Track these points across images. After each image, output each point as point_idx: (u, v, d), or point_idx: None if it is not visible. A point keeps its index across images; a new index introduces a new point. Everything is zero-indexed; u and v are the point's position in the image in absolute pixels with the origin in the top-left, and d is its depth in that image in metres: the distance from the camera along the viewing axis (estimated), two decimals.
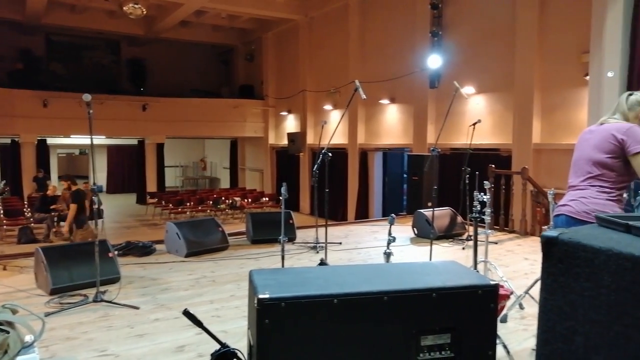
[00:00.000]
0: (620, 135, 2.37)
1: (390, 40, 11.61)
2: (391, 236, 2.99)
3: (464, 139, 7.34)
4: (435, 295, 1.62)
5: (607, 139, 2.42)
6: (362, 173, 12.57)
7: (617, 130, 2.39)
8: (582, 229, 1.48)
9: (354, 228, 7.71)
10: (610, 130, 2.43)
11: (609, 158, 2.41)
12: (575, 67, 7.58)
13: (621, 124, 2.43)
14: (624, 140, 2.36)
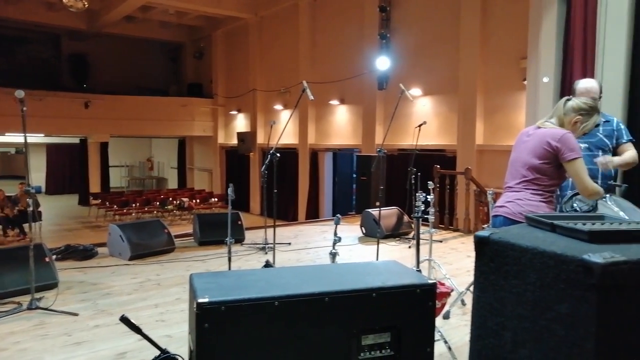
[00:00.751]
0: (555, 142, 2.46)
1: (340, 42, 11.72)
2: (337, 236, 3.01)
3: (411, 140, 7.53)
4: (375, 295, 1.65)
5: (542, 145, 2.51)
6: (313, 173, 12.62)
7: (551, 138, 2.48)
8: (512, 228, 1.55)
9: (304, 228, 7.73)
10: (546, 136, 2.51)
11: (543, 164, 2.50)
12: (515, 72, 7.93)
13: (556, 130, 2.53)
14: (559, 147, 2.45)
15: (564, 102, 2.64)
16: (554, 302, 1.24)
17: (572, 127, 2.58)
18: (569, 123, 2.58)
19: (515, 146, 2.74)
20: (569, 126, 2.57)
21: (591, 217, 1.61)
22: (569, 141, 2.47)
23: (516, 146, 2.74)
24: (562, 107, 2.62)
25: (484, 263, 1.44)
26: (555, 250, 1.24)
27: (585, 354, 1.16)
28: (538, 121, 2.71)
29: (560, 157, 2.46)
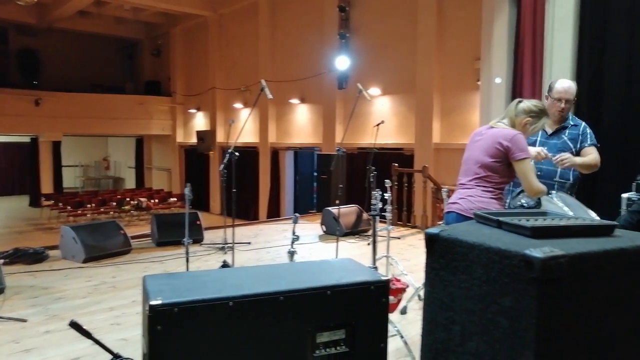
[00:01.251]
0: (506, 142, 2.57)
1: (300, 41, 11.72)
2: (295, 235, 3.02)
3: (370, 139, 7.61)
4: (330, 293, 1.67)
5: (494, 145, 2.61)
6: (274, 172, 12.58)
7: (503, 138, 2.59)
8: (461, 225, 1.60)
9: (264, 227, 7.70)
10: (497, 136, 2.62)
11: (494, 162, 2.61)
12: (470, 73, 8.15)
13: (507, 130, 2.64)
14: (509, 147, 2.56)
15: (516, 103, 2.75)
16: (499, 296, 1.29)
17: (522, 128, 2.70)
18: (519, 124, 2.70)
19: (469, 145, 2.83)
20: (519, 127, 2.69)
21: (535, 214, 1.69)
22: (520, 142, 2.58)
23: (469, 145, 2.83)
24: (514, 108, 2.73)
25: (434, 259, 1.48)
26: (499, 246, 1.29)
27: (526, 344, 1.21)
28: (491, 121, 2.81)
29: (510, 156, 2.57)
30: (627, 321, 1.34)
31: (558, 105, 3.26)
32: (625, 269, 1.32)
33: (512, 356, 1.25)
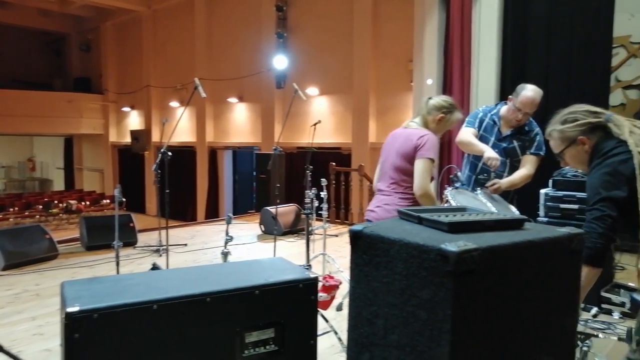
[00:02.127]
0: (416, 139, 2.57)
1: (238, 39, 11.58)
2: (228, 236, 2.99)
3: (309, 138, 7.66)
4: (258, 292, 1.67)
5: (408, 146, 2.59)
6: (212, 172, 12.36)
7: (415, 136, 2.59)
8: (385, 222, 1.65)
9: (202, 228, 7.56)
10: (411, 137, 2.61)
11: (408, 163, 2.58)
12: (404, 73, 8.38)
13: (420, 130, 2.63)
14: (418, 145, 2.56)
15: (426, 101, 2.75)
16: (418, 289, 1.33)
17: (436, 124, 2.69)
18: (432, 121, 2.69)
19: (384, 148, 2.78)
20: (433, 124, 2.69)
21: (455, 209, 1.76)
22: (430, 142, 2.57)
23: (385, 148, 2.78)
24: (425, 106, 2.73)
25: (358, 256, 1.51)
26: (418, 241, 1.34)
27: (443, 335, 1.27)
28: (404, 122, 2.80)
29: (417, 153, 2.55)
30: (535, 306, 1.43)
31: (516, 115, 3.19)
32: (532, 259, 1.41)
33: (430, 346, 1.30)
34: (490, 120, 3.35)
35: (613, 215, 1.67)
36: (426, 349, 1.32)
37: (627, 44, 6.75)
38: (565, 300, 1.55)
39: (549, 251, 1.46)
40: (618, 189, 1.69)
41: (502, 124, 3.31)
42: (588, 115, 1.86)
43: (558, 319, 1.53)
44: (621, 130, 1.76)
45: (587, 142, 1.86)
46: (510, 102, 3.25)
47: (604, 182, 1.72)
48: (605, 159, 1.78)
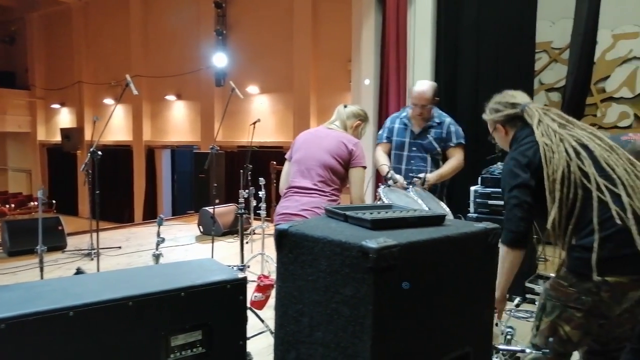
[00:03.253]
0: (351, 146, 2.57)
1: (175, 36, 11.29)
2: (160, 237, 2.91)
3: (249, 137, 7.58)
4: (184, 294, 1.63)
5: (339, 147, 2.57)
6: (149, 171, 11.98)
7: (348, 141, 2.59)
8: (310, 221, 1.66)
9: (138, 230, 7.31)
10: (341, 139, 2.60)
11: (340, 164, 2.56)
12: (343, 74, 8.49)
13: (350, 136, 2.66)
14: (354, 152, 2.56)
15: (343, 107, 2.80)
16: (341, 286, 1.35)
17: (353, 131, 2.74)
18: (350, 127, 2.73)
19: (304, 144, 2.68)
20: (350, 130, 2.72)
21: (381, 207, 1.81)
22: (362, 149, 2.63)
23: (305, 144, 2.67)
24: (344, 112, 2.78)
25: (284, 254, 1.51)
26: (341, 238, 1.36)
27: (365, 330, 1.30)
28: (325, 123, 2.81)
29: (353, 161, 2.56)
30: (454, 299, 1.49)
31: (416, 110, 3.44)
32: (451, 253, 1.47)
33: (353, 342, 1.33)
34: (401, 124, 3.56)
35: (528, 201, 1.76)
36: (349, 344, 1.35)
37: (549, 49, 7.18)
38: (483, 293, 1.62)
39: (466, 246, 1.52)
40: (526, 177, 1.78)
41: (413, 124, 3.52)
42: (507, 106, 1.97)
43: (476, 311, 1.60)
44: (532, 121, 1.87)
45: (506, 130, 1.99)
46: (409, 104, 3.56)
47: (512, 172, 1.83)
48: (516, 148, 1.90)
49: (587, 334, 1.82)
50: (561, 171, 1.71)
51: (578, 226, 1.76)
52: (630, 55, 6.66)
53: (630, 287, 1.71)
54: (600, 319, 1.79)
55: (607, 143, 1.77)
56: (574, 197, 1.72)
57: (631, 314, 1.80)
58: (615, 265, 1.70)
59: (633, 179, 1.71)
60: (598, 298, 1.73)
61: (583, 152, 1.73)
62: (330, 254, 1.38)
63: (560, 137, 1.75)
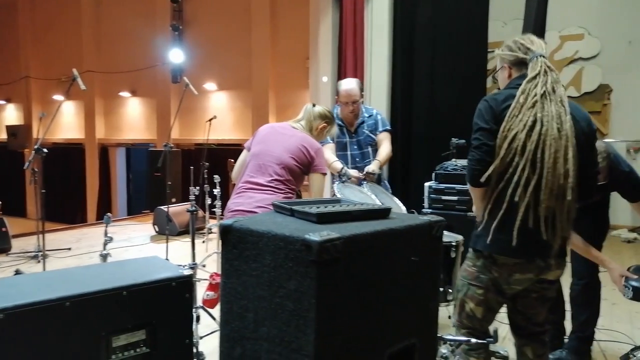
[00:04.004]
0: (312, 151, 2.50)
1: (130, 30, 10.97)
2: (107, 237, 2.82)
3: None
4: (126, 293, 1.58)
5: (301, 149, 2.49)
6: (103, 170, 11.62)
7: (310, 145, 2.51)
8: (256, 216, 1.64)
9: (89, 231, 7.07)
10: (304, 142, 2.51)
11: (297, 166, 2.48)
12: (302, 71, 8.48)
13: (312, 140, 2.57)
14: (314, 157, 2.50)
15: (311, 107, 2.71)
16: (285, 280, 1.34)
17: (319, 132, 2.68)
18: (316, 129, 2.66)
19: (263, 139, 2.58)
20: (315, 131, 2.66)
21: (329, 201, 1.81)
22: (323, 155, 2.57)
23: (263, 140, 2.57)
24: (311, 112, 2.68)
25: (229, 250, 1.49)
26: (285, 232, 1.35)
27: (309, 323, 1.29)
28: (289, 121, 2.69)
29: (314, 167, 2.51)
30: (399, 291, 1.51)
31: (347, 109, 3.49)
32: (395, 245, 1.48)
33: (297, 336, 1.32)
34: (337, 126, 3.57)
35: (489, 144, 1.79)
36: (294, 339, 1.34)
37: None
38: (428, 284, 1.65)
39: (411, 238, 1.54)
40: (489, 123, 1.81)
41: (347, 124, 3.59)
42: (520, 49, 1.90)
43: (421, 301, 1.62)
44: (530, 73, 1.81)
45: (510, 72, 1.95)
46: (337, 103, 3.58)
47: (481, 113, 1.85)
48: (499, 92, 1.90)
49: (490, 310, 1.93)
50: (513, 133, 1.74)
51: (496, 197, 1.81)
52: (577, 56, 6.96)
53: (515, 270, 1.82)
54: (498, 297, 1.90)
55: (566, 131, 1.75)
56: (509, 163, 1.76)
57: (540, 296, 1.90)
58: (505, 246, 1.79)
59: (552, 173, 1.72)
60: (491, 276, 1.86)
61: (537, 128, 1.73)
62: (274, 249, 1.37)
63: (534, 103, 1.75)
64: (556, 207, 1.74)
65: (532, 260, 1.81)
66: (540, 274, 1.84)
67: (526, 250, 1.79)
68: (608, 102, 6.78)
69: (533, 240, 1.76)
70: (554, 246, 1.78)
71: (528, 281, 1.85)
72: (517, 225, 1.75)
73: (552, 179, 1.72)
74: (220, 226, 1.50)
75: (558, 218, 1.75)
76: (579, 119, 1.82)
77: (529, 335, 1.99)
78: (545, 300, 1.93)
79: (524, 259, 1.81)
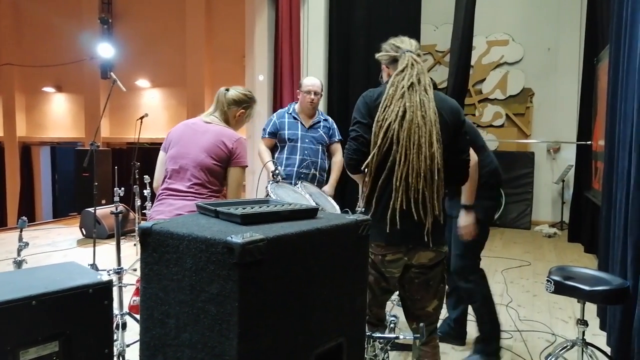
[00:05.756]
0: (231, 144, 2.33)
1: (54, 22, 10.34)
2: (22, 242, 2.63)
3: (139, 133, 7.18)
4: (35, 302, 1.48)
5: (218, 145, 2.32)
6: (25, 170, 10.90)
7: (228, 139, 2.34)
8: (179, 218, 1.58)
9: (7, 235, 6.59)
10: (221, 136, 2.35)
11: (217, 165, 2.33)
12: (239, 69, 8.34)
13: (231, 132, 2.40)
14: (234, 150, 2.33)
15: (223, 93, 2.46)
16: (207, 284, 1.30)
17: (236, 120, 2.48)
18: (233, 117, 2.46)
19: (179, 140, 2.39)
20: (233, 120, 2.47)
21: (257, 202, 1.77)
22: (244, 147, 2.39)
23: (180, 140, 2.38)
24: (224, 99, 2.45)
25: (148, 254, 1.43)
26: (206, 235, 1.31)
27: (232, 327, 1.26)
28: (202, 115, 2.49)
29: (234, 161, 2.34)
30: (326, 290, 1.50)
31: (309, 98, 3.57)
32: (321, 245, 1.48)
33: (220, 340, 1.28)
34: (291, 118, 3.69)
35: (364, 136, 1.92)
36: (217, 344, 1.29)
37: (434, 52, 7.66)
38: (355, 282, 1.65)
39: (337, 237, 1.54)
40: (365, 117, 1.94)
41: (302, 118, 3.69)
42: (392, 48, 2.03)
43: (349, 301, 1.62)
44: (399, 67, 1.94)
45: (389, 72, 2.06)
46: (298, 95, 3.69)
47: (358, 108, 1.99)
48: (374, 89, 2.02)
49: (375, 295, 2.01)
50: (387, 123, 1.86)
51: (376, 181, 1.92)
52: (502, 61, 7.31)
53: (386, 251, 1.93)
54: (381, 281, 1.98)
55: (429, 117, 1.86)
56: (387, 151, 1.87)
57: (423, 281, 1.96)
58: (378, 233, 1.90)
59: (417, 158, 1.84)
60: (370, 259, 1.93)
61: (407, 116, 1.85)
62: (195, 252, 1.32)
63: (402, 94, 1.87)
64: (425, 189, 1.85)
65: (401, 244, 1.92)
66: (408, 257, 1.92)
67: (397, 237, 1.89)
68: (531, 105, 7.19)
69: (405, 225, 1.87)
70: (426, 225, 1.88)
71: (402, 264, 1.93)
72: (390, 211, 1.86)
73: (417, 162, 1.83)
74: (139, 229, 1.43)
75: (428, 198, 1.86)
76: (444, 109, 1.94)
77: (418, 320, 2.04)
78: (428, 286, 1.98)
79: (395, 245, 1.91)
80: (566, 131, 6.78)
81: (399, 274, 1.95)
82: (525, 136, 7.18)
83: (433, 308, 2.01)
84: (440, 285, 2.01)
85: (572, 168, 6.45)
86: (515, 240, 6.17)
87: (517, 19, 7.16)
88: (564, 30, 6.85)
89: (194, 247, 1.33)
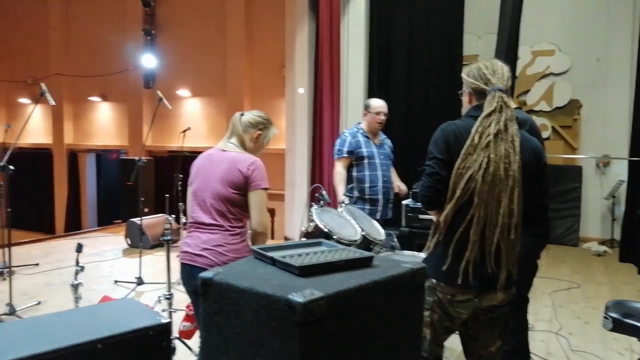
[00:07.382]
0: (246, 169, 2.29)
1: (100, 34, 10.67)
2: (79, 266, 2.72)
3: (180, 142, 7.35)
4: (101, 346, 1.52)
5: (234, 173, 2.29)
6: (72, 176, 11.29)
7: (242, 164, 2.30)
8: (237, 265, 1.60)
9: (58, 243, 6.84)
10: (237, 162, 2.31)
11: (237, 194, 2.29)
12: (278, 79, 8.41)
13: (246, 155, 2.36)
14: (251, 175, 2.29)
15: (239, 117, 2.47)
16: (268, 340, 1.31)
17: (255, 143, 2.45)
18: (250, 140, 2.43)
19: (198, 173, 2.38)
20: (250, 143, 2.43)
21: (311, 244, 1.78)
22: (262, 169, 2.35)
23: (198, 174, 2.38)
24: (239, 123, 2.44)
25: (209, 304, 1.45)
26: (267, 290, 1.32)
27: None
28: (219, 143, 2.47)
29: (252, 185, 2.29)
30: (382, 341, 1.49)
31: (378, 118, 3.85)
32: (378, 297, 1.47)
33: None
34: (363, 137, 3.90)
35: (441, 173, 1.85)
36: None
37: None
38: (411, 332, 1.64)
39: (393, 288, 1.52)
40: (442, 153, 1.86)
41: (371, 137, 3.92)
42: (482, 77, 1.90)
43: (405, 347, 1.61)
44: (486, 109, 1.83)
45: (471, 99, 1.97)
46: (366, 116, 3.91)
47: (436, 142, 1.90)
48: (455, 122, 1.93)
49: (436, 333, 1.95)
50: (469, 174, 1.79)
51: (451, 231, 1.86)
52: (548, 71, 7.10)
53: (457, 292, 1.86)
54: (445, 320, 1.93)
55: (513, 172, 1.79)
56: (465, 203, 1.81)
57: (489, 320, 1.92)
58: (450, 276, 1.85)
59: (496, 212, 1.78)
60: (435, 298, 1.91)
61: (490, 169, 1.78)
62: (256, 307, 1.33)
63: (487, 144, 1.78)
64: (502, 243, 1.80)
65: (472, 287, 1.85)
66: (479, 298, 1.86)
67: (469, 284, 1.83)
68: (578, 117, 6.95)
69: (477, 273, 1.82)
70: (499, 278, 1.83)
71: (471, 305, 1.87)
72: (464, 262, 1.81)
73: (496, 217, 1.78)
74: (199, 279, 1.46)
75: (503, 252, 1.81)
76: (526, 149, 1.86)
77: None
78: (494, 325, 1.94)
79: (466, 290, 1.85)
80: (616, 145, 6.52)
81: (467, 316, 1.91)
82: (573, 149, 6.95)
83: (496, 348, 1.97)
84: (505, 325, 1.97)
85: (623, 183, 6.19)
86: (562, 258, 5.95)
87: (563, 29, 6.94)
88: (614, 40, 6.60)
89: (255, 302, 1.34)
